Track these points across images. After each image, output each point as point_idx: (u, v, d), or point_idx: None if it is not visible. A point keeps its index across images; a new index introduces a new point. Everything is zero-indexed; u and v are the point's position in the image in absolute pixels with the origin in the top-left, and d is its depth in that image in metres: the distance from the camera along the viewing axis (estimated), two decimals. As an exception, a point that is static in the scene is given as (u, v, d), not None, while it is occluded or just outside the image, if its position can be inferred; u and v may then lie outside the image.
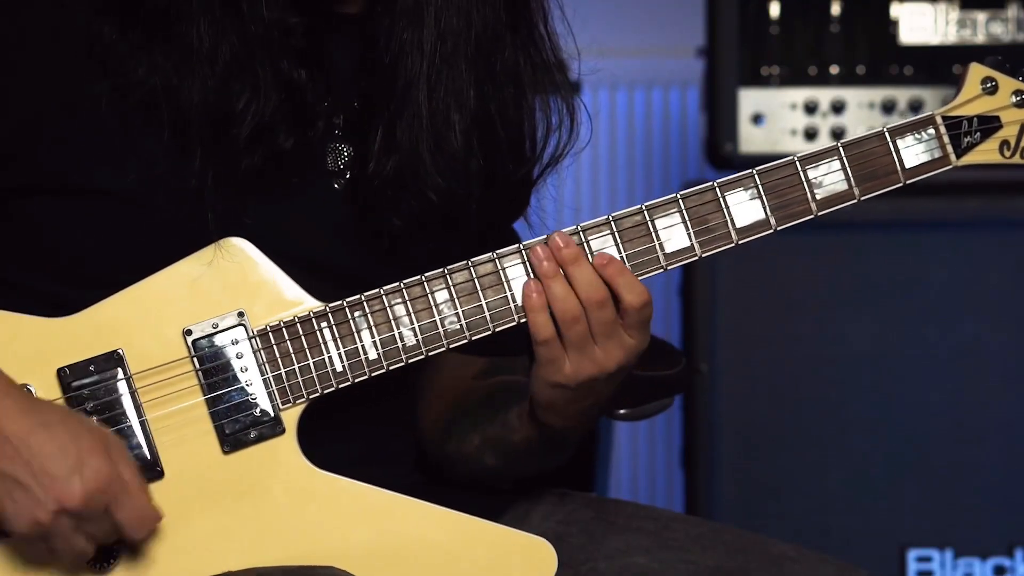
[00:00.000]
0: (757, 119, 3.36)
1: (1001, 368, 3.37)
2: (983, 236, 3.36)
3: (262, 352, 1.85)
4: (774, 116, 3.37)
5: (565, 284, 1.84)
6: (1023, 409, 3.37)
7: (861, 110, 3.36)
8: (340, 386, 1.87)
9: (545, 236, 1.87)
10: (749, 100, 3.37)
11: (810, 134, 3.36)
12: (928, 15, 3.38)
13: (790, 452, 3.38)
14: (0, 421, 1.75)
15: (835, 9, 3.38)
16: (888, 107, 3.35)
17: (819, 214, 1.90)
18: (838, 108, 3.36)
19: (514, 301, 1.87)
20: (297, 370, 1.86)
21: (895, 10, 3.38)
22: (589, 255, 1.87)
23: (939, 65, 3.38)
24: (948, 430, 3.37)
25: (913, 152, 1.91)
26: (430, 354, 1.87)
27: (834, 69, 3.38)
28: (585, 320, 1.84)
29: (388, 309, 1.86)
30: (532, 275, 1.86)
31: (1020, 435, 3.37)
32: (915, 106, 3.35)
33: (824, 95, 3.37)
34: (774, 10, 3.37)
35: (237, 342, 1.85)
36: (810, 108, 3.36)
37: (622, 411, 2.41)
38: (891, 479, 3.38)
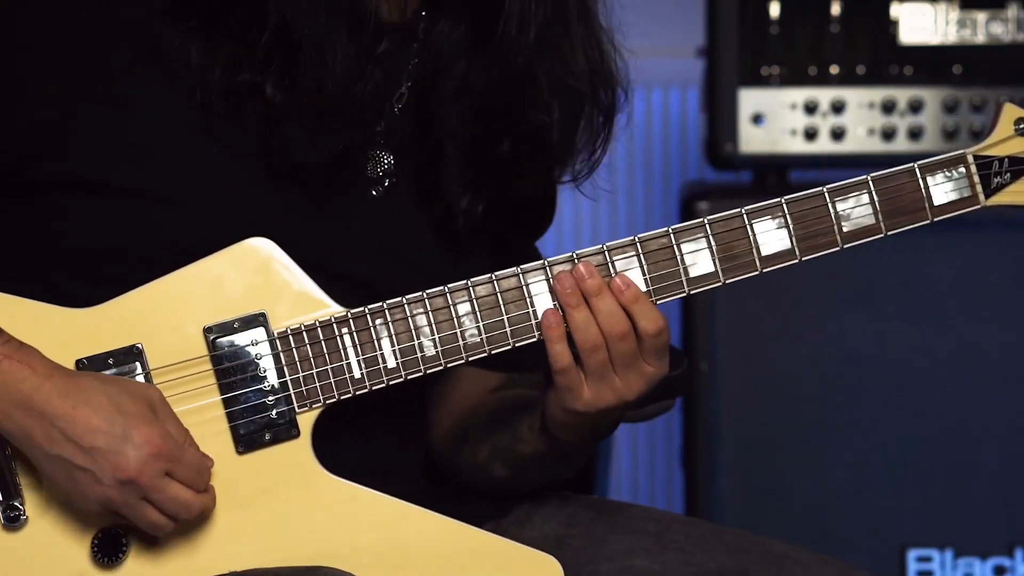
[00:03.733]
0: (757, 119, 3.36)
1: (1001, 368, 3.37)
2: (983, 236, 3.36)
3: (281, 355, 1.85)
4: (774, 116, 3.36)
5: (587, 313, 1.84)
6: (1023, 409, 3.37)
7: (861, 110, 3.36)
8: (357, 393, 1.86)
9: (570, 255, 1.87)
10: (749, 100, 3.36)
11: (810, 134, 3.36)
12: (928, 15, 3.38)
13: (790, 452, 3.38)
14: (43, 406, 1.76)
15: (835, 9, 3.38)
16: (888, 107, 3.35)
17: (844, 247, 1.89)
18: (838, 108, 3.36)
19: (536, 317, 1.86)
20: (315, 375, 1.85)
21: (895, 10, 3.38)
22: (613, 275, 1.86)
23: (939, 65, 3.37)
24: (948, 430, 3.37)
25: (942, 190, 1.90)
26: (449, 365, 1.87)
27: (834, 69, 3.38)
28: (606, 350, 1.84)
29: (409, 319, 1.86)
30: (554, 302, 1.85)
31: (1020, 435, 3.37)
32: (915, 106, 3.35)
33: (824, 95, 3.37)
34: (774, 10, 3.37)
35: (257, 343, 1.85)
36: (810, 108, 3.35)
37: (623, 412, 2.40)
38: (891, 479, 3.37)
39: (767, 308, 3.38)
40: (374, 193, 1.95)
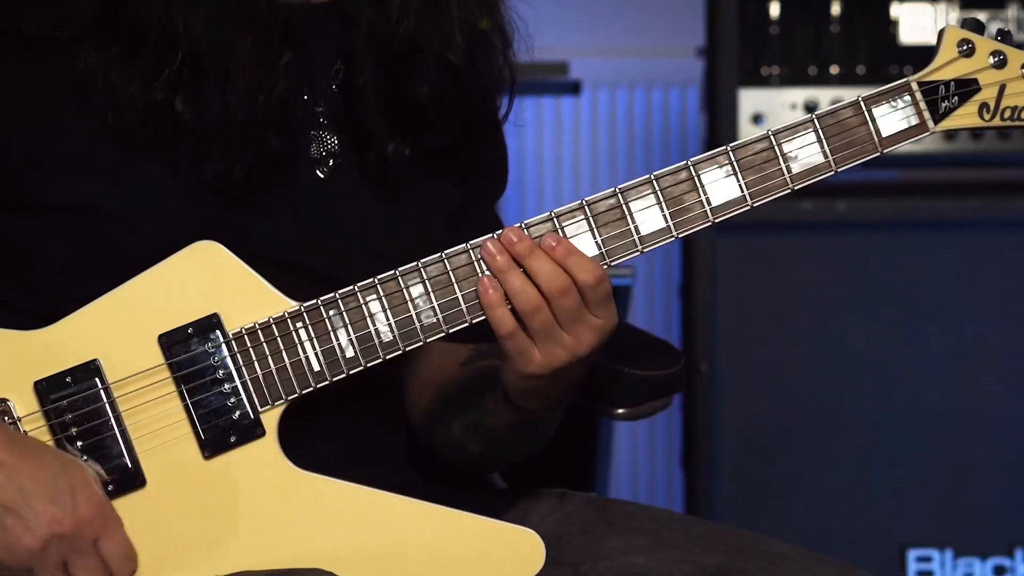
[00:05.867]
0: (757, 119, 3.36)
1: (1001, 368, 3.37)
2: (983, 236, 3.37)
3: (239, 355, 1.84)
4: (774, 116, 3.36)
5: (522, 276, 1.82)
6: (1023, 409, 3.38)
7: (861, 110, 3.36)
8: (318, 386, 1.85)
9: (518, 225, 1.85)
10: (749, 100, 3.37)
11: (810, 134, 3.36)
12: (928, 15, 3.38)
13: (790, 452, 3.39)
14: None
15: (835, 9, 3.38)
16: (888, 107, 3.36)
17: (796, 188, 1.87)
18: (838, 108, 3.36)
19: None
20: (274, 372, 1.84)
21: (895, 10, 3.38)
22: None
23: (939, 65, 3.37)
24: (948, 430, 3.37)
25: (890, 120, 1.86)
26: (408, 349, 1.86)
27: (834, 69, 3.38)
28: (548, 309, 1.82)
29: (363, 306, 1.84)
30: (485, 271, 1.83)
31: (1020, 435, 3.38)
32: (915, 106, 3.35)
33: (824, 95, 3.37)
34: (774, 10, 3.38)
35: (213, 346, 1.84)
36: (810, 108, 3.36)
37: (621, 411, 2.39)
38: (891, 479, 3.38)
39: (767, 308, 3.38)
40: (320, 175, 1.95)
